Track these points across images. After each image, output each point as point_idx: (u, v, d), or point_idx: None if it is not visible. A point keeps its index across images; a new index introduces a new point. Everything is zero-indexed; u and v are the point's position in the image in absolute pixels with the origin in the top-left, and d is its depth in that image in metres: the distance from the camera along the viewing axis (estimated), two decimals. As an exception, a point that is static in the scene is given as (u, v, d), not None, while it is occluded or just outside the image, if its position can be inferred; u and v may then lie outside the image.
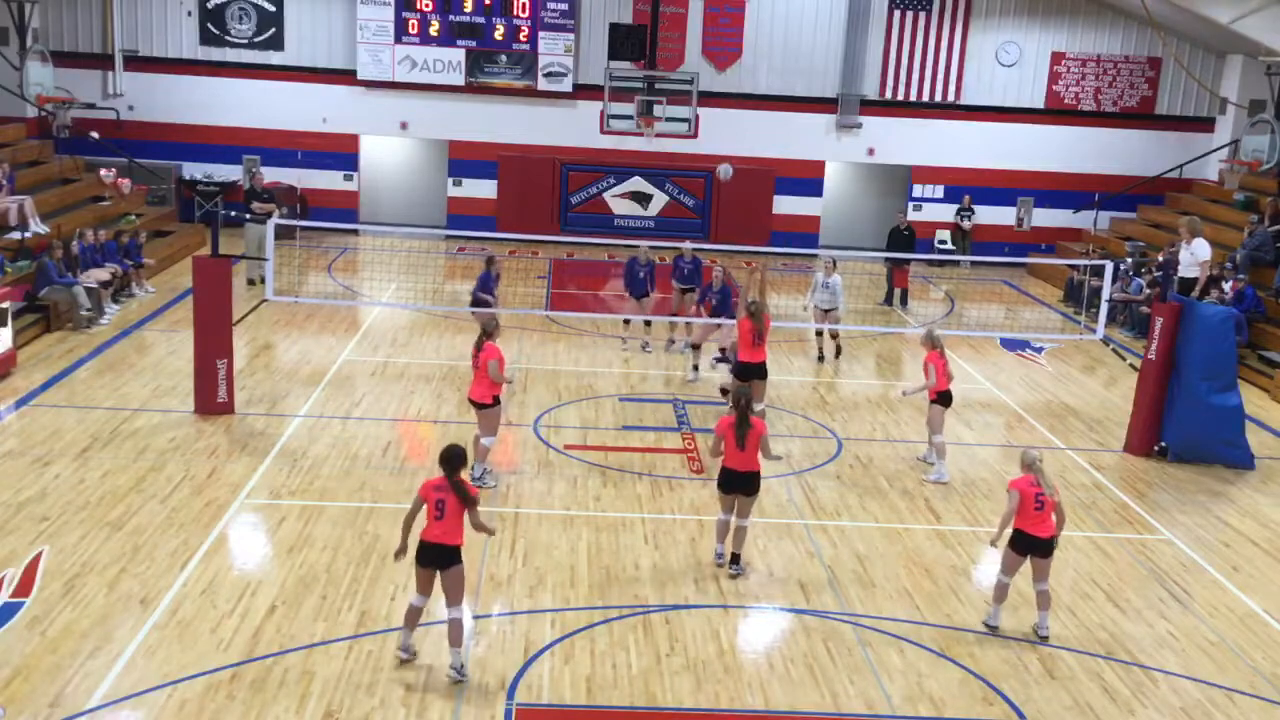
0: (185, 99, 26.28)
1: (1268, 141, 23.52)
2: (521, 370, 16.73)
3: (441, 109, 26.81)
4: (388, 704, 8.17)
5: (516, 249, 25.99)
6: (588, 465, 13.01)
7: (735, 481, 10.31)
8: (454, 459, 8.45)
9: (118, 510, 11.07)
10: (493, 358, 11.79)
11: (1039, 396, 17.04)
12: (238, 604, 9.42)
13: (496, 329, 12.13)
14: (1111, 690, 8.97)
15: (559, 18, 26.35)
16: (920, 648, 9.42)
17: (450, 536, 8.40)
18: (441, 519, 8.38)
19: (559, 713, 8.29)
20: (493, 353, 11.83)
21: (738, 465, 10.23)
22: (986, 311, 23.28)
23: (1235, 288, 19.16)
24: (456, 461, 8.46)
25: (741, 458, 10.20)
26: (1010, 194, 28.06)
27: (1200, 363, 13.95)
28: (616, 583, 10.23)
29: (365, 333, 18.44)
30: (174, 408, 14.07)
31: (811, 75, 27.30)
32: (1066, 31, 27.35)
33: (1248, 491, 13.58)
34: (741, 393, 10.45)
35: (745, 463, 10.22)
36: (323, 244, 25.73)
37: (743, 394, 10.41)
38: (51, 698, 8.00)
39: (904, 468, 13.63)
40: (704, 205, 27.56)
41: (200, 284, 13.82)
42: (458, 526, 8.43)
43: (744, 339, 13.77)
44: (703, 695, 8.56)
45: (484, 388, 11.89)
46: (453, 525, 8.40)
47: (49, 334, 16.89)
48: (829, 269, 17.58)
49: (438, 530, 8.39)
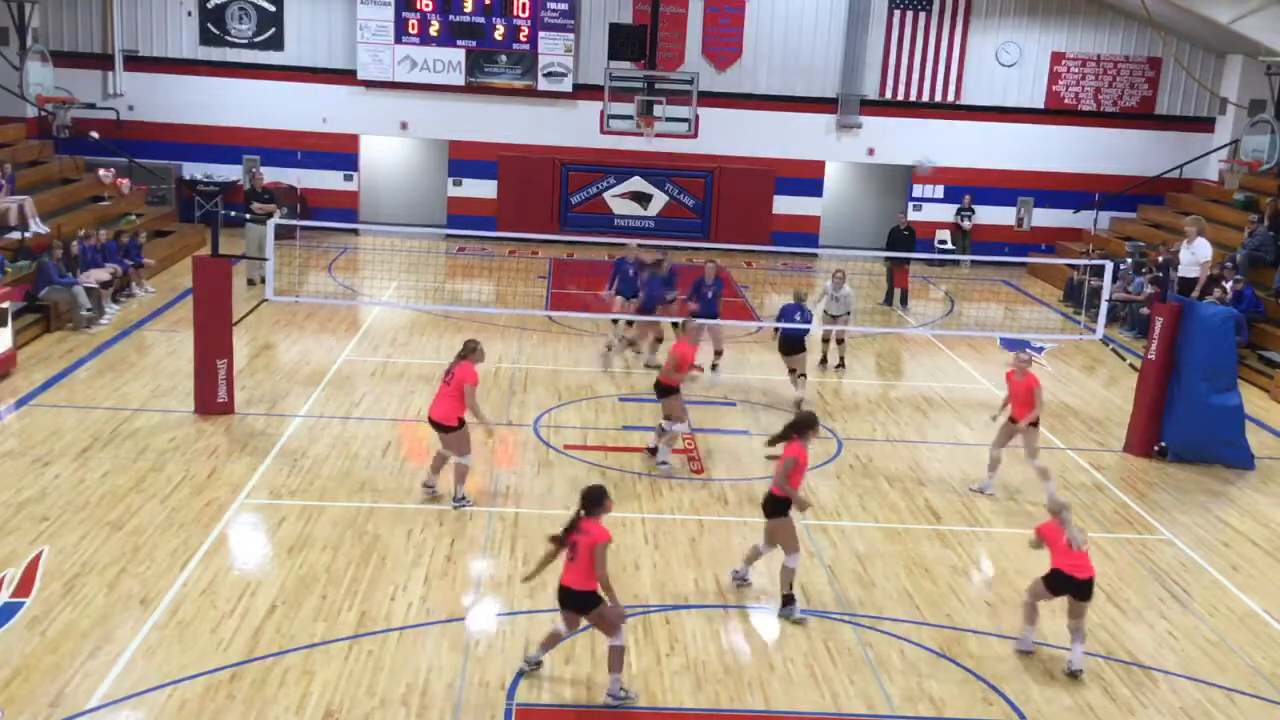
0: (185, 99, 26.28)
1: (1268, 141, 23.54)
2: (521, 370, 16.73)
3: (441, 109, 26.81)
4: (388, 704, 8.17)
5: (516, 249, 25.99)
6: (588, 465, 13.01)
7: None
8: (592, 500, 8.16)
9: (118, 510, 11.07)
10: (469, 380, 11.17)
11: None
12: (238, 604, 9.42)
13: (476, 352, 11.40)
14: (1111, 690, 8.97)
15: (559, 18, 26.35)
16: (920, 648, 9.41)
17: (583, 582, 8.11)
18: (574, 561, 8.10)
19: (559, 713, 8.29)
20: (469, 375, 11.21)
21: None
22: (986, 311, 23.29)
23: (1235, 288, 19.15)
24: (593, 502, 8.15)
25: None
26: (1010, 194, 28.06)
27: (1200, 363, 13.95)
28: (616, 583, 10.18)
29: (365, 333, 18.44)
30: (174, 408, 14.07)
31: (811, 75, 27.31)
32: (1066, 31, 27.35)
33: (1248, 491, 13.58)
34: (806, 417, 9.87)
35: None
36: (323, 244, 25.73)
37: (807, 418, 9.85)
38: (51, 698, 8.00)
39: (904, 468, 13.62)
40: (704, 205, 27.56)
41: (200, 284, 13.82)
42: (589, 570, 8.05)
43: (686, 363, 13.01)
44: (703, 695, 8.56)
45: (448, 407, 11.20)
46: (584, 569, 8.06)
47: (49, 334, 16.89)
48: (839, 281, 17.28)
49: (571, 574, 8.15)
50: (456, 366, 11.27)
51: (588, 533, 8.04)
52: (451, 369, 11.30)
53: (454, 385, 11.20)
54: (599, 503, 8.17)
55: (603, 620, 8.22)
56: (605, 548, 8.04)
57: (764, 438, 14.31)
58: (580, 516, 8.13)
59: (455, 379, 11.20)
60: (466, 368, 11.23)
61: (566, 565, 8.15)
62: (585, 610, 8.19)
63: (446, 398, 11.24)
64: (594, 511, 8.14)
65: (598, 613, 8.18)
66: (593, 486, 8.33)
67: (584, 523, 8.10)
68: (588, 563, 8.01)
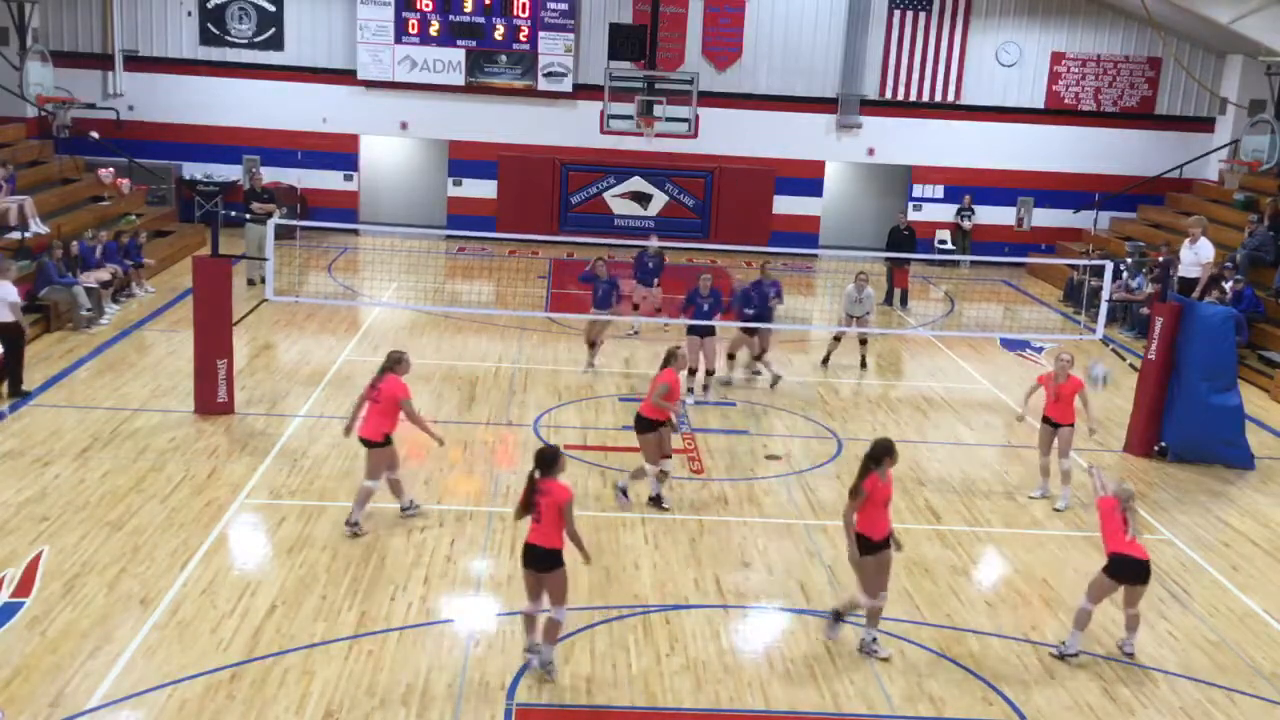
0: (185, 99, 26.29)
1: (1268, 141, 23.55)
2: (521, 370, 16.73)
3: (441, 109, 26.81)
4: (388, 704, 8.17)
5: (516, 249, 25.99)
6: (588, 465, 13.01)
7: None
8: (547, 460, 8.42)
9: (118, 510, 11.07)
10: (402, 395, 10.67)
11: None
12: (238, 604, 9.42)
13: (402, 363, 10.87)
14: (1111, 690, 8.97)
15: (559, 18, 26.36)
16: (920, 648, 9.41)
17: (550, 539, 8.40)
18: (540, 521, 8.38)
19: (559, 713, 8.29)
20: (399, 389, 10.69)
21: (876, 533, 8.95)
22: (986, 311, 23.28)
23: (1235, 288, 19.15)
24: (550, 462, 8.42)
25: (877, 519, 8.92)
26: (1010, 194, 28.06)
27: (1200, 363, 13.95)
28: (616, 583, 10.23)
29: (365, 333, 18.44)
30: (174, 408, 14.07)
31: (811, 75, 27.31)
32: (1066, 31, 27.35)
33: (1248, 491, 13.58)
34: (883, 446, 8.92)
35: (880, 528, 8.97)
36: (323, 244, 25.73)
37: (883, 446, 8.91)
38: (51, 698, 8.00)
39: (904, 468, 13.60)
40: (704, 205, 27.56)
41: (200, 284, 13.82)
42: (556, 529, 8.39)
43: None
44: (703, 695, 8.56)
45: (375, 423, 10.70)
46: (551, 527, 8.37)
47: (49, 334, 16.89)
48: (862, 283, 17.39)
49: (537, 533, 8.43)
50: (382, 381, 10.72)
51: (549, 493, 8.34)
52: (376, 383, 10.74)
53: (383, 401, 10.67)
54: (554, 462, 8.45)
55: (559, 587, 8.51)
56: (571, 504, 8.39)
57: (764, 438, 14.39)
58: (537, 479, 8.39)
59: (383, 394, 10.66)
60: (393, 382, 10.71)
61: (532, 526, 8.45)
62: (549, 568, 8.44)
63: (374, 414, 10.72)
64: (550, 472, 8.42)
65: (559, 575, 8.47)
66: (546, 447, 8.61)
67: (543, 483, 8.38)
68: (554, 521, 8.35)
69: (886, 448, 8.87)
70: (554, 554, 8.42)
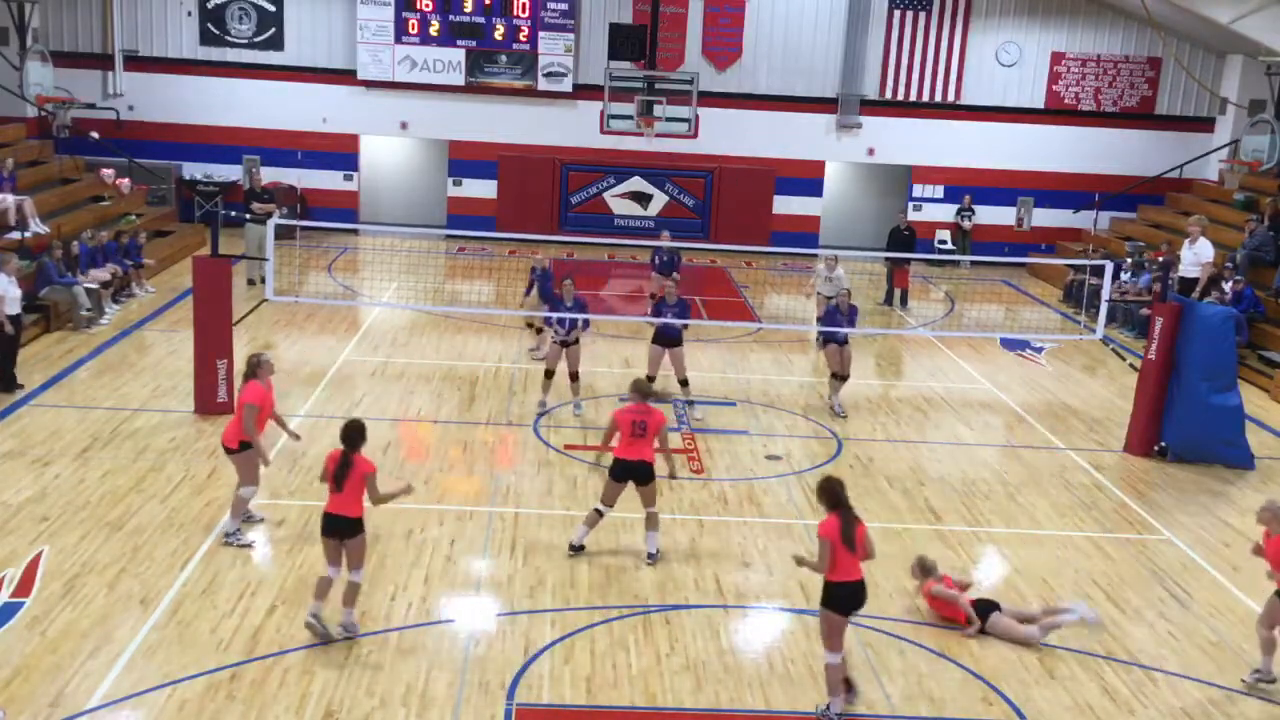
0: (185, 99, 26.29)
1: (1268, 141, 23.55)
2: (521, 370, 16.72)
3: (441, 109, 26.81)
4: (388, 704, 8.17)
5: (516, 249, 25.98)
6: (588, 465, 13.00)
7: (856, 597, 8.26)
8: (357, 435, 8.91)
9: (118, 510, 11.07)
10: (249, 400, 10.27)
11: (1039, 396, 17.04)
12: (238, 604, 9.42)
13: (262, 367, 10.50)
14: (1111, 690, 8.97)
15: (559, 18, 26.35)
16: (920, 648, 9.41)
17: (351, 509, 8.89)
18: (340, 491, 8.84)
19: (559, 713, 8.29)
20: (250, 394, 10.30)
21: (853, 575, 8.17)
22: (986, 311, 23.28)
23: (1235, 288, 19.15)
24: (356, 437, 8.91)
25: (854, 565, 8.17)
26: (1010, 194, 28.06)
27: (1200, 363, 13.95)
28: (616, 583, 10.23)
29: (365, 333, 18.44)
30: (174, 408, 14.07)
31: (811, 75, 27.30)
32: (1066, 31, 27.35)
33: (1248, 491, 13.57)
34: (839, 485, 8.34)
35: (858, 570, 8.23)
36: (323, 244, 25.73)
37: (841, 486, 8.33)
38: (51, 698, 8.00)
39: (904, 468, 13.61)
40: (704, 205, 27.56)
41: (200, 284, 13.82)
42: (356, 499, 8.89)
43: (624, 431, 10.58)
44: (703, 695, 8.56)
45: (233, 428, 10.40)
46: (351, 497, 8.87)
47: (49, 334, 16.89)
48: (831, 264, 18.28)
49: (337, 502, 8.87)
50: (243, 386, 10.49)
51: (357, 465, 8.84)
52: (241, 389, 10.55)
53: (238, 408, 10.48)
54: (361, 435, 8.96)
55: (356, 552, 8.91)
56: (374, 475, 8.91)
57: (764, 438, 14.39)
58: (350, 454, 8.85)
59: (239, 401, 10.46)
60: (250, 388, 10.37)
61: (333, 497, 8.85)
62: (352, 535, 8.87)
63: (235, 419, 10.51)
64: (359, 445, 8.91)
65: (360, 541, 8.92)
66: (354, 421, 9.03)
67: (355, 457, 8.86)
68: (357, 491, 8.84)
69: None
70: (356, 522, 8.90)
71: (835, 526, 8.06)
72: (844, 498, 8.20)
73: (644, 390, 10.59)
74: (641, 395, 10.49)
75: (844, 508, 8.16)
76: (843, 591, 8.08)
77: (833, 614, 8.10)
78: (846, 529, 8.06)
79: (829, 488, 8.26)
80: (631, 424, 10.33)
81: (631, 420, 10.35)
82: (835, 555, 8.01)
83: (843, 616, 8.14)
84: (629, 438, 10.35)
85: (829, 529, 8.06)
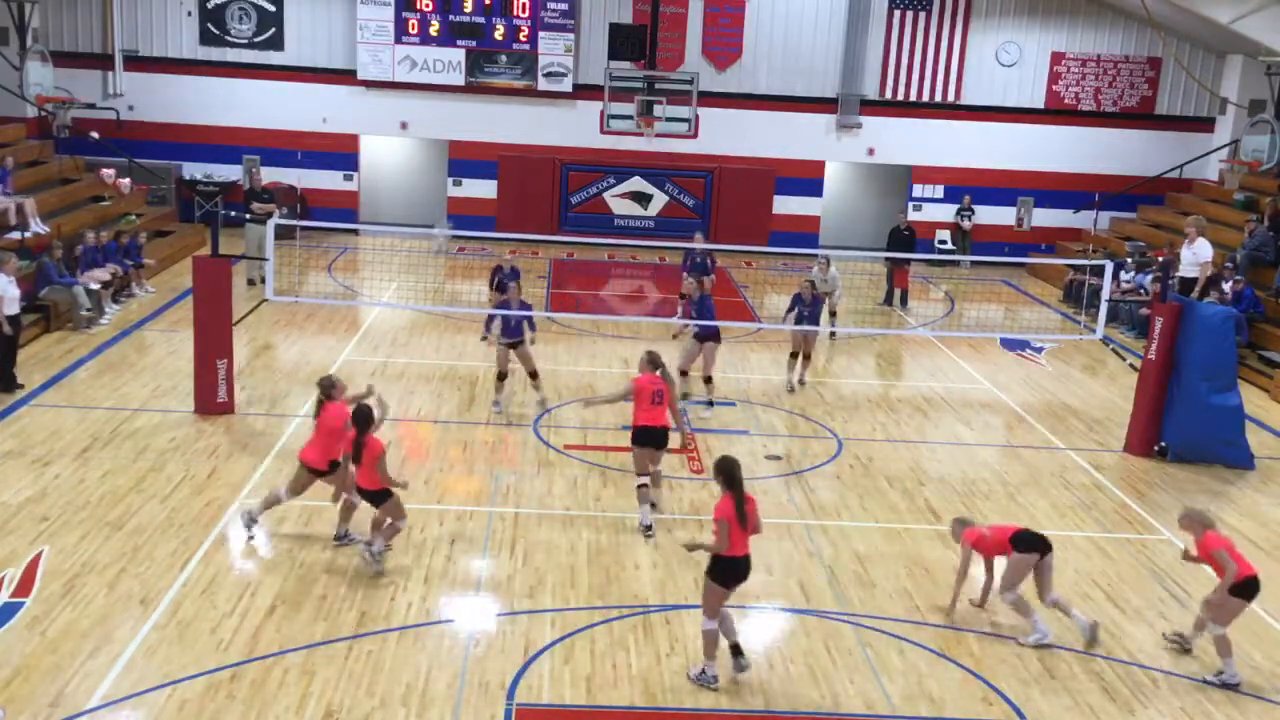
0: (185, 99, 26.29)
1: (1268, 141, 23.55)
2: (521, 370, 16.70)
3: (441, 109, 26.81)
4: (388, 704, 8.17)
5: (516, 249, 25.97)
6: (588, 465, 13.01)
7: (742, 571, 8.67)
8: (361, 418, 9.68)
9: (118, 510, 11.07)
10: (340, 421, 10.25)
11: (1039, 396, 17.04)
12: (238, 604, 9.42)
13: (336, 388, 10.57)
14: (1111, 690, 8.97)
15: (559, 18, 26.36)
16: (920, 648, 9.41)
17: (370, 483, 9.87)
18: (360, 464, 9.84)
19: (559, 713, 8.29)
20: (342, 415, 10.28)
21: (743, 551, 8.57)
22: (986, 311, 23.29)
23: (1235, 288, 19.15)
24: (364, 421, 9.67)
25: (745, 541, 8.60)
26: (1010, 194, 28.07)
27: (1200, 363, 13.95)
28: (616, 583, 10.23)
29: (365, 333, 18.44)
30: (174, 408, 14.07)
31: (811, 75, 27.30)
32: (1066, 31, 27.35)
33: (1248, 491, 13.58)
34: (735, 466, 8.60)
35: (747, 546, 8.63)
36: (323, 244, 25.73)
37: (736, 467, 8.59)
38: (51, 698, 8.00)
39: (904, 468, 13.61)
40: (704, 205, 27.56)
41: (200, 284, 13.82)
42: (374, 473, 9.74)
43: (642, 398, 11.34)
44: (703, 695, 8.56)
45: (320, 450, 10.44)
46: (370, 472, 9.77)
47: (49, 334, 16.89)
48: (824, 266, 18.65)
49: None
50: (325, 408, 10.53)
51: (370, 446, 9.66)
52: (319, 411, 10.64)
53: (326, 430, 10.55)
54: (369, 419, 9.77)
55: (392, 510, 9.98)
56: (384, 457, 9.75)
57: (764, 438, 14.39)
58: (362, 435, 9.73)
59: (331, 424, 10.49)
60: (338, 410, 10.41)
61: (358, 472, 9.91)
62: (379, 503, 9.92)
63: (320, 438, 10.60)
64: (367, 429, 9.73)
65: (392, 503, 9.95)
66: (361, 405, 9.90)
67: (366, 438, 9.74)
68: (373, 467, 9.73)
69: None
70: (380, 493, 9.88)
71: (730, 507, 8.41)
72: (738, 477, 8.52)
73: (656, 361, 11.40)
74: (654, 366, 11.32)
75: (738, 487, 8.49)
76: (732, 567, 8.50)
77: (718, 587, 8.52)
78: (741, 508, 8.43)
79: (724, 468, 8.57)
80: (652, 393, 11.16)
81: (652, 390, 11.17)
82: (732, 534, 8.39)
83: (726, 589, 8.55)
84: (649, 405, 11.17)
85: (725, 510, 8.43)
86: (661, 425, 11.26)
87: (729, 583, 8.54)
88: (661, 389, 11.26)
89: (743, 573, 8.59)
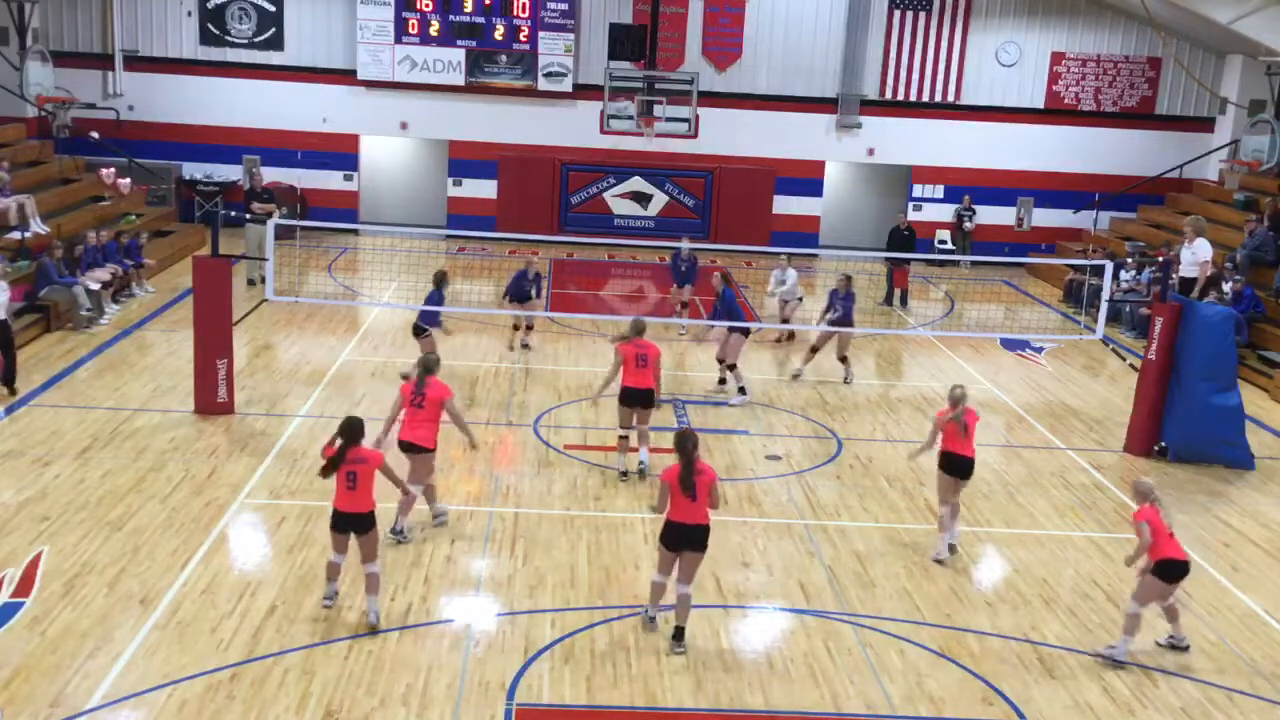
0: (185, 99, 26.28)
1: (1268, 141, 23.54)
2: (521, 370, 16.73)
3: (441, 109, 26.81)
4: (388, 704, 8.17)
5: (516, 249, 25.99)
6: (588, 465, 13.01)
7: (683, 537, 9.05)
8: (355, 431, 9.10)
9: (118, 510, 11.07)
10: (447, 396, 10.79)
11: (1039, 396, 17.04)
12: (238, 604, 9.42)
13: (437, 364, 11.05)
14: (1111, 690, 8.97)
15: (559, 18, 26.35)
16: (920, 648, 9.41)
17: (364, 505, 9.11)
18: (354, 489, 9.04)
19: (559, 713, 8.29)
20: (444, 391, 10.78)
21: (685, 518, 9.01)
22: (986, 311, 23.28)
23: (1235, 288, 19.15)
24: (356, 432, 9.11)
25: (691, 509, 8.99)
26: (1010, 194, 28.06)
27: (1200, 363, 13.95)
28: (616, 583, 10.23)
29: (365, 333, 18.44)
30: (174, 408, 14.07)
31: (811, 75, 27.30)
32: (1066, 31, 27.35)
33: (1248, 491, 13.58)
34: (687, 438, 9.15)
35: (694, 514, 9.01)
36: (323, 244, 25.73)
37: (688, 439, 9.13)
38: (51, 698, 8.00)
39: (904, 468, 13.60)
40: (704, 205, 27.56)
41: (200, 284, 13.82)
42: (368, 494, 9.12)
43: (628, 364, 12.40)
44: (703, 695, 8.56)
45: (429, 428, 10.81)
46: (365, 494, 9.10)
47: (49, 334, 16.88)
48: (783, 266, 19.08)
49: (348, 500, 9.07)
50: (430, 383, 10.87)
51: (365, 460, 9.07)
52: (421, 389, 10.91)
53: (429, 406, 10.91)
54: (361, 431, 9.17)
55: (370, 544, 9.14)
56: (386, 465, 9.30)
57: (764, 438, 14.39)
58: (347, 448, 9.03)
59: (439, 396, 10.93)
60: (440, 385, 10.83)
61: (345, 493, 9.05)
62: (365, 530, 9.10)
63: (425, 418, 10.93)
64: (359, 439, 9.11)
65: (371, 535, 9.14)
66: (351, 418, 9.22)
67: (353, 452, 9.04)
68: (369, 487, 9.08)
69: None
70: (368, 517, 9.13)
71: (675, 473, 8.97)
72: (688, 448, 9.02)
73: (640, 328, 12.60)
74: (638, 332, 12.51)
75: (685, 456, 8.99)
76: (674, 530, 9.03)
77: (664, 548, 9.16)
78: (685, 476, 8.92)
79: (679, 440, 9.18)
80: (635, 357, 12.27)
81: (635, 354, 12.28)
82: (672, 498, 8.97)
83: (672, 552, 9.09)
84: (634, 368, 12.28)
85: (669, 475, 9.02)
86: (645, 386, 12.33)
87: (669, 544, 9.08)
88: (645, 353, 12.28)
89: (686, 539, 9.02)
